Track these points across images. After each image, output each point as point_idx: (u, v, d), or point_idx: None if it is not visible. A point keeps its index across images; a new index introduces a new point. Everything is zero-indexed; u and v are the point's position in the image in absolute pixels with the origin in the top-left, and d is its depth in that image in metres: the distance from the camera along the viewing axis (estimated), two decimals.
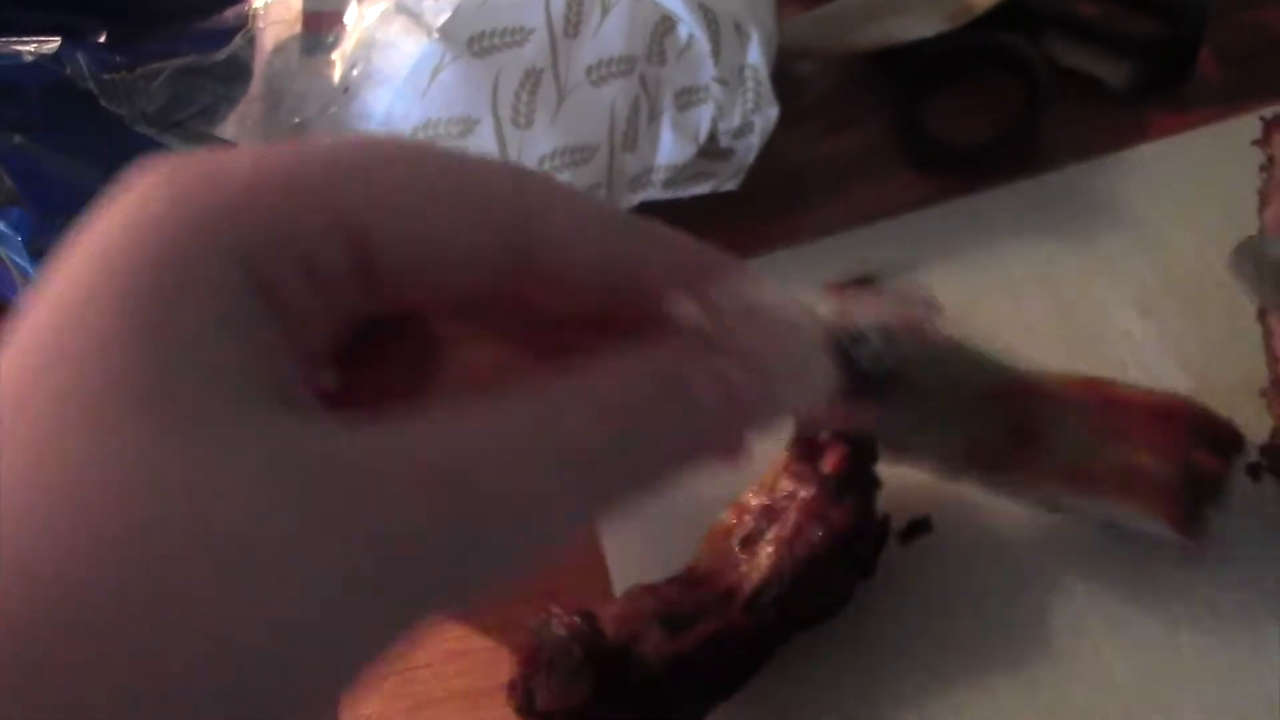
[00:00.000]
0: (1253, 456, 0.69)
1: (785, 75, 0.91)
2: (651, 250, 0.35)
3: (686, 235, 0.36)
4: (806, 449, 0.68)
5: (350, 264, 0.31)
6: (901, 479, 0.71)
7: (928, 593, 0.69)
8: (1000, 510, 0.70)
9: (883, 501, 0.69)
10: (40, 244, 0.79)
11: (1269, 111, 0.73)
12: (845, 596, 0.67)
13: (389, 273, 0.32)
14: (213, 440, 0.27)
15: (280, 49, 0.83)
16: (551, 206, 0.34)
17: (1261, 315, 0.69)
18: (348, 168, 0.31)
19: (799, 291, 0.35)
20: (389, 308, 0.34)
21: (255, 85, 0.83)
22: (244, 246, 0.29)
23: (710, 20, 0.78)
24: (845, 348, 0.35)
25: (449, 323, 0.39)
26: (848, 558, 0.66)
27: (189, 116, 0.79)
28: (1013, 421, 0.62)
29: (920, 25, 0.91)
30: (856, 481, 0.66)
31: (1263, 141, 0.71)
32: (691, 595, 0.65)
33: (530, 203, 0.33)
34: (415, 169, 0.32)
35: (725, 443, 0.35)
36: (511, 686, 0.63)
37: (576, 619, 0.62)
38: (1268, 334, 0.68)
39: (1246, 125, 0.77)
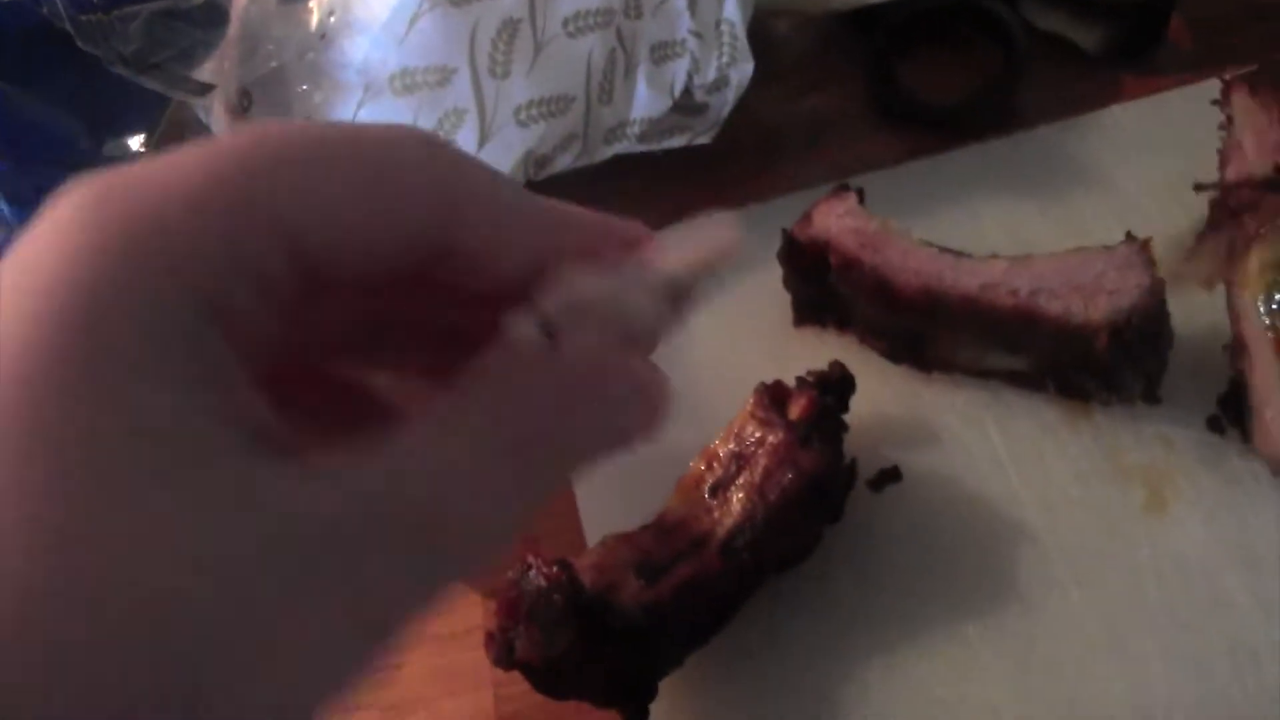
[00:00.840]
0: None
1: (762, 34, 0.92)
2: (565, 226, 0.36)
3: (590, 211, 0.36)
4: (773, 395, 0.68)
5: (292, 268, 0.31)
6: (872, 428, 0.72)
7: (898, 540, 0.70)
8: (969, 460, 0.71)
9: (852, 448, 0.69)
10: (15, 188, 0.79)
11: (1230, 74, 0.74)
12: (815, 540, 0.67)
13: (324, 266, 0.32)
14: (199, 495, 0.27)
15: None
16: (470, 189, 0.34)
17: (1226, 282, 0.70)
18: (277, 170, 0.31)
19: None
20: (323, 300, 0.33)
21: (231, 31, 0.83)
22: (196, 278, 0.29)
23: None
24: None
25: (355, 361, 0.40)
26: (818, 502, 0.66)
27: (166, 59, 0.79)
28: None
29: None
30: (823, 426, 0.67)
31: (1222, 101, 0.72)
32: (666, 543, 0.66)
33: (449, 185, 0.34)
34: (339, 160, 0.32)
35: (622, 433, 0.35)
36: (489, 638, 0.63)
37: (556, 569, 0.62)
38: (1230, 294, 0.69)
39: (1213, 89, 0.78)
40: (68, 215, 0.28)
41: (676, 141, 0.82)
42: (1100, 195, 0.82)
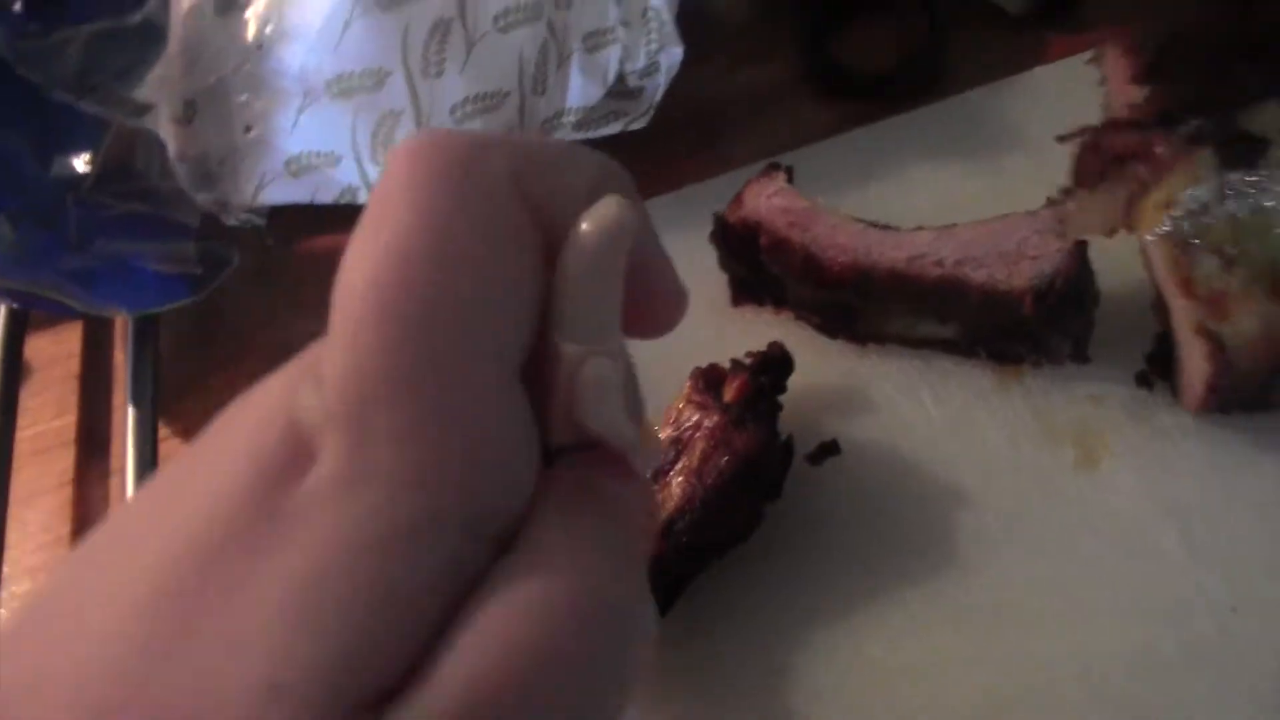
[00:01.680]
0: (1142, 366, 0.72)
1: (699, 11, 0.93)
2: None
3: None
4: (709, 378, 0.70)
5: None
6: (809, 404, 0.74)
7: (838, 512, 0.72)
8: (905, 429, 0.73)
9: (790, 424, 0.71)
10: None
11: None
12: (756, 520, 0.69)
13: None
14: None
15: (195, 9, 0.84)
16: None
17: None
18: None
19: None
20: None
21: (172, 45, 0.84)
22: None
23: None
24: None
25: None
26: (755, 482, 0.68)
27: (105, 80, 0.80)
28: None
29: None
30: (758, 407, 0.68)
31: (1096, 60, 0.73)
32: None
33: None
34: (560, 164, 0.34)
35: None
36: None
37: None
38: (1142, 247, 0.71)
39: None
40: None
41: (613, 127, 0.84)
42: (1027, 157, 0.83)
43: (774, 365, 0.71)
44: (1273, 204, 0.64)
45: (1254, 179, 0.65)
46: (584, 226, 0.34)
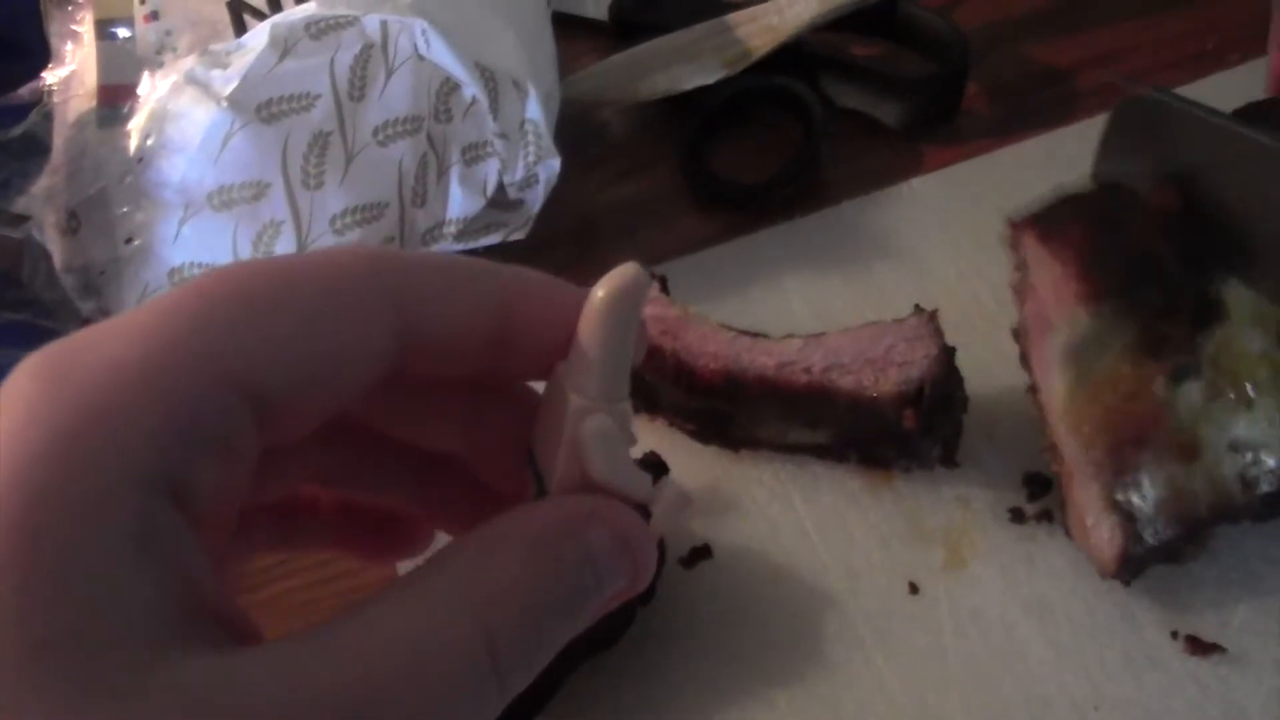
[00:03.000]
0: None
1: (582, 124, 0.95)
2: (523, 300, 0.38)
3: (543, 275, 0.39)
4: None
5: (258, 420, 0.32)
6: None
7: (709, 614, 0.72)
8: (776, 532, 0.74)
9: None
10: None
11: (1016, 214, 0.70)
12: (627, 621, 0.70)
13: (282, 409, 0.32)
14: (132, 700, 0.27)
15: (79, 122, 0.85)
16: (425, 285, 0.36)
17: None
18: (225, 325, 0.31)
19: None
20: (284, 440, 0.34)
21: (56, 156, 0.85)
22: (146, 462, 0.29)
23: (488, 79, 0.81)
24: None
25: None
26: None
27: None
28: None
29: (702, 72, 0.95)
30: None
31: (1012, 245, 0.71)
32: None
33: (404, 289, 0.35)
34: (281, 302, 0.33)
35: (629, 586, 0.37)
36: None
37: None
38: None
39: (1010, 154, 0.83)
40: (20, 406, 0.29)
41: (494, 238, 0.85)
42: (902, 267, 0.85)
43: (648, 471, 0.72)
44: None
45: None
46: (598, 291, 0.35)
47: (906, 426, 0.71)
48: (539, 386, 0.42)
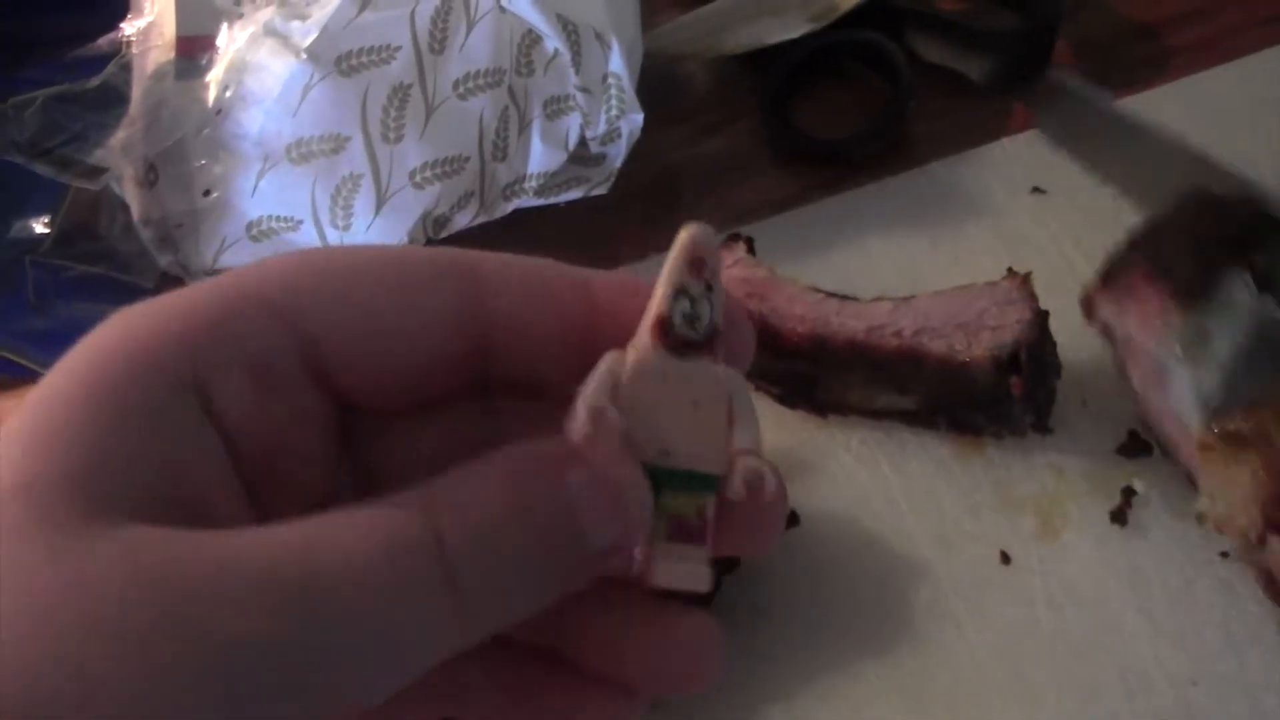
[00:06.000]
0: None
1: (664, 79, 0.94)
2: (600, 305, 0.36)
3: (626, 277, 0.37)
4: None
5: (302, 356, 0.33)
6: None
7: (796, 583, 0.71)
8: (864, 500, 0.73)
9: None
10: None
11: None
12: (712, 591, 0.68)
13: (342, 360, 0.34)
14: (80, 547, 0.27)
15: (157, 73, 0.84)
16: (504, 285, 0.35)
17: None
18: (295, 282, 0.33)
19: None
20: (346, 399, 0.35)
21: (134, 109, 0.84)
22: (182, 371, 0.31)
23: (570, 32, 0.79)
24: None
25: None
26: None
27: (60, 144, 0.80)
28: None
29: (787, 26, 0.93)
30: None
31: (1088, 315, 0.70)
32: None
33: (479, 263, 0.35)
34: (361, 279, 0.34)
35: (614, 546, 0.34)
36: None
37: None
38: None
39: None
40: (98, 331, 0.32)
41: (575, 193, 0.84)
42: (991, 228, 0.83)
43: None
44: None
45: None
46: None
47: (1014, 393, 0.69)
48: None
